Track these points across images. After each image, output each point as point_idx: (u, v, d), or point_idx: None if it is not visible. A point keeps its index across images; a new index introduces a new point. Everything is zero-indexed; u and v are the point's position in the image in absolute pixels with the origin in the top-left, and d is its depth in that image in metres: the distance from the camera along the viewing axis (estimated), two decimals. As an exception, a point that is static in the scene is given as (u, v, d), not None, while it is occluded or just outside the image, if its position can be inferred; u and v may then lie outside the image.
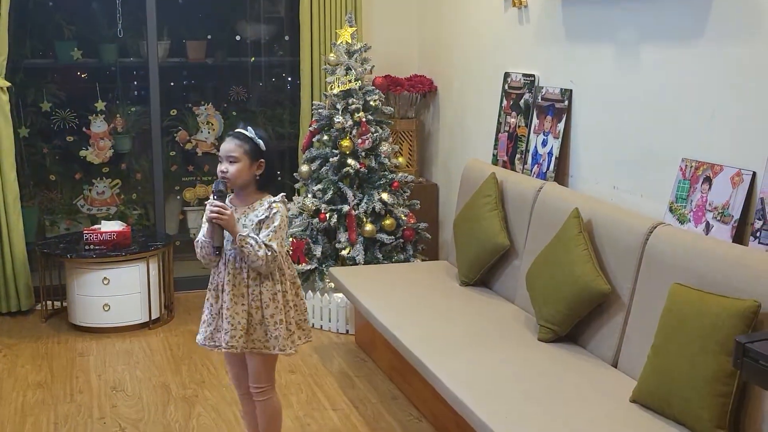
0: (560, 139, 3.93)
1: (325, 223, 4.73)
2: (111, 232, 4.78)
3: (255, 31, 5.90)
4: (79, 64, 5.57)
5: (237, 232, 2.85)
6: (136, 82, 5.74)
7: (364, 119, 4.76)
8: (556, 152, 3.95)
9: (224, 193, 2.91)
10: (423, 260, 4.93)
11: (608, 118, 3.65)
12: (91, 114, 5.57)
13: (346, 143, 4.73)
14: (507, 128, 4.41)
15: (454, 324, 3.59)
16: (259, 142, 2.93)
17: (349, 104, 4.77)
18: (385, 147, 4.84)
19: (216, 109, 5.86)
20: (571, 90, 3.90)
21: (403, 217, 4.83)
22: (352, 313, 4.68)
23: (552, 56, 4.08)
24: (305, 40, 5.33)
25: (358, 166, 4.74)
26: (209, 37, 5.80)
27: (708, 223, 2.98)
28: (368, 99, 4.83)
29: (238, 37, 5.87)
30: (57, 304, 5.06)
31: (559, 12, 4.00)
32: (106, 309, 4.71)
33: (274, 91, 6.03)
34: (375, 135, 4.79)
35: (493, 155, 4.52)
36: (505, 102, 4.45)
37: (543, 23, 4.15)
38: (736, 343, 2.07)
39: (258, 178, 2.95)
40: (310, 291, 4.81)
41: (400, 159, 5.11)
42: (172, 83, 5.82)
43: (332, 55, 4.91)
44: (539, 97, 4.13)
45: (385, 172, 4.85)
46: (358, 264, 4.64)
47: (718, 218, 2.94)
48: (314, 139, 4.93)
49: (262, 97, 6.00)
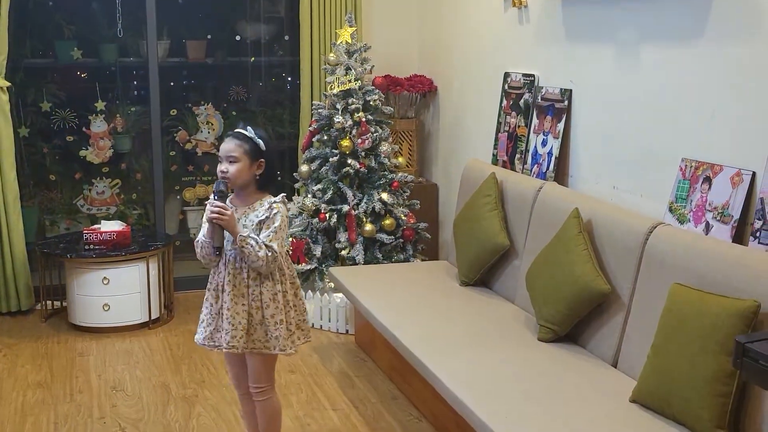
0: (560, 139, 3.93)
1: (325, 222, 4.73)
2: (111, 232, 4.78)
3: (255, 31, 5.90)
4: (79, 63, 5.57)
5: (237, 233, 2.85)
6: (136, 82, 5.74)
7: (363, 119, 4.76)
8: (555, 152, 3.95)
9: (225, 193, 2.91)
10: (423, 260, 4.93)
11: (608, 118, 3.65)
12: (91, 114, 5.57)
13: (346, 143, 4.73)
14: (507, 128, 4.41)
15: (454, 324, 3.59)
16: (259, 141, 2.93)
17: (349, 104, 4.77)
18: (384, 147, 4.84)
19: (216, 109, 5.86)
20: (571, 90, 3.90)
21: (403, 217, 4.83)
22: (352, 313, 4.68)
23: (552, 56, 4.08)
24: (305, 40, 5.33)
25: (358, 166, 4.74)
26: (209, 36, 5.80)
27: (708, 223, 2.98)
28: (368, 99, 4.83)
29: (238, 37, 5.86)
30: (57, 303, 5.05)
31: (559, 12, 4.00)
32: (105, 309, 4.71)
33: (274, 91, 6.02)
34: (375, 135, 4.79)
35: (493, 155, 4.52)
36: (505, 102, 4.45)
37: (543, 23, 4.15)
38: (735, 343, 2.07)
39: (258, 177, 2.95)
40: (310, 291, 4.81)
41: (400, 159, 5.11)
42: (172, 83, 5.81)
43: (332, 55, 4.91)
44: (539, 97, 4.13)
45: (385, 172, 4.85)
46: (357, 264, 4.64)
47: (718, 218, 2.94)
48: (314, 139, 4.93)
49: (262, 97, 5.99)
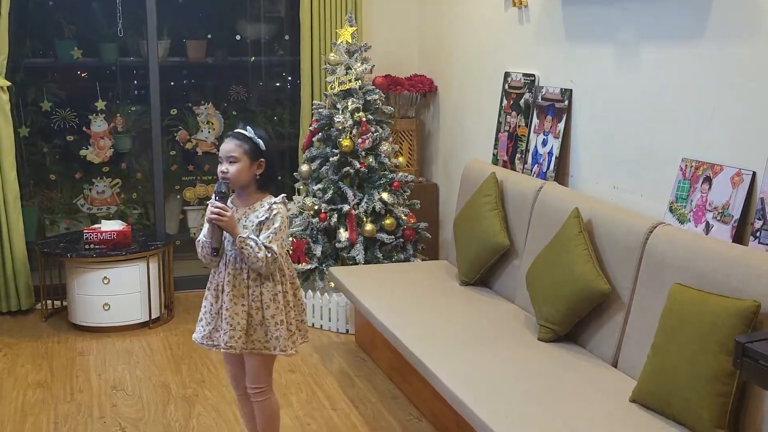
0: (560, 139, 3.93)
1: (326, 222, 4.73)
2: (111, 231, 4.78)
3: (255, 31, 5.90)
4: (79, 63, 5.57)
5: (237, 234, 2.85)
6: (136, 82, 5.74)
7: (364, 119, 4.76)
8: (556, 152, 3.95)
9: (226, 194, 2.91)
10: (423, 260, 4.93)
11: (608, 118, 3.65)
12: (91, 113, 5.57)
13: (346, 143, 4.73)
14: (507, 128, 4.41)
15: (454, 324, 3.59)
16: (259, 141, 2.93)
17: (349, 104, 4.77)
18: (385, 146, 4.84)
19: (216, 109, 5.86)
20: (571, 90, 3.90)
21: (403, 217, 4.83)
22: (352, 313, 4.68)
23: (552, 56, 4.08)
24: (305, 40, 5.33)
25: (358, 166, 4.74)
26: (209, 36, 5.80)
27: (708, 223, 2.98)
28: (368, 98, 4.83)
29: (238, 37, 5.86)
30: (57, 303, 5.06)
31: (559, 12, 4.00)
32: (106, 308, 4.71)
33: (274, 90, 6.02)
34: (375, 134, 4.79)
35: (493, 155, 4.53)
36: (505, 102, 4.45)
37: (543, 23, 4.15)
38: (735, 342, 2.07)
39: (258, 177, 2.95)
40: (310, 290, 4.81)
41: (400, 158, 5.11)
42: (172, 83, 5.81)
43: (332, 54, 4.91)
44: (539, 97, 4.13)
45: (385, 172, 4.85)
46: (358, 263, 4.64)
47: (718, 218, 2.94)
48: (314, 139, 4.93)
49: (262, 97, 5.99)
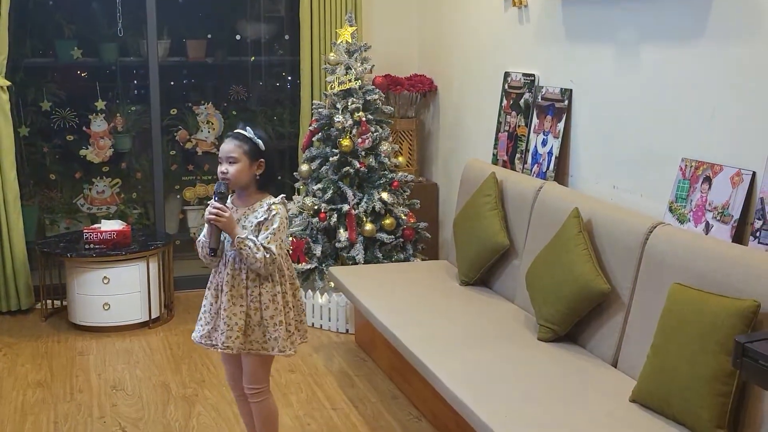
0: (560, 139, 3.93)
1: (325, 222, 4.73)
2: (111, 231, 4.78)
3: (255, 31, 5.90)
4: (79, 63, 5.57)
5: (236, 234, 2.85)
6: (136, 81, 5.74)
7: (364, 118, 4.76)
8: (556, 152, 3.95)
9: (225, 195, 2.91)
10: (423, 260, 4.93)
11: (608, 118, 3.65)
12: (91, 113, 5.57)
13: (346, 143, 4.73)
14: (507, 128, 4.41)
15: (454, 324, 3.59)
16: (258, 141, 2.93)
17: (349, 104, 4.77)
18: (385, 146, 4.84)
19: (216, 109, 5.86)
20: (571, 90, 3.90)
21: (403, 217, 4.83)
22: (352, 313, 4.68)
23: (552, 56, 4.08)
24: (305, 40, 5.33)
25: (358, 166, 4.74)
26: (209, 36, 5.80)
27: (708, 223, 2.98)
28: (368, 98, 4.83)
29: (238, 37, 5.86)
30: (57, 303, 5.06)
31: (559, 12, 3.99)
32: (106, 308, 4.71)
33: (274, 90, 6.02)
34: (375, 134, 4.79)
35: (493, 155, 4.52)
36: (505, 101, 4.45)
37: (543, 23, 4.15)
38: (735, 342, 2.07)
39: (258, 178, 2.95)
40: (310, 290, 4.81)
41: (400, 158, 5.11)
42: (172, 82, 5.82)
43: (332, 54, 4.91)
44: (539, 97, 4.13)
45: (385, 172, 4.85)
46: (358, 263, 4.64)
47: (718, 218, 2.94)
48: (314, 139, 4.93)
49: (262, 97, 5.99)
